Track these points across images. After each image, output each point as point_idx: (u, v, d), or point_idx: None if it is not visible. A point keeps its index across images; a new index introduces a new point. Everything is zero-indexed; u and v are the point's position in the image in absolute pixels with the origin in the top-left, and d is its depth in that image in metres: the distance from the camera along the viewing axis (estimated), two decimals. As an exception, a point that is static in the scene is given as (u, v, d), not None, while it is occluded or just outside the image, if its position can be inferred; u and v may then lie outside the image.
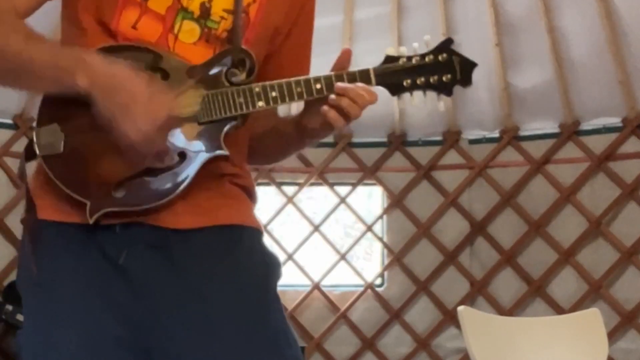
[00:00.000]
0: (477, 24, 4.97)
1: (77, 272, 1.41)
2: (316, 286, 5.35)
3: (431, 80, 1.49)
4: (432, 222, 5.33)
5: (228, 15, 1.49)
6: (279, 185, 5.43)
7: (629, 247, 4.94)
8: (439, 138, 5.38)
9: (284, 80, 1.44)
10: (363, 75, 1.47)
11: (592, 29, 4.78)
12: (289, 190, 5.46)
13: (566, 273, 5.10)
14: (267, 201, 5.49)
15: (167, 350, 1.40)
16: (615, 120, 5.05)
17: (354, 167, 5.42)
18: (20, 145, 4.97)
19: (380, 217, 5.47)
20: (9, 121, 5.00)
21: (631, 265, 4.95)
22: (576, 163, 5.12)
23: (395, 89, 1.49)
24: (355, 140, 5.38)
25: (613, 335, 4.65)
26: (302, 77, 1.44)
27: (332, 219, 5.51)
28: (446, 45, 1.51)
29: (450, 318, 5.08)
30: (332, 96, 1.44)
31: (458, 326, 3.50)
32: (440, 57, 1.50)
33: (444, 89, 1.50)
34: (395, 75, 1.49)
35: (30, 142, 1.40)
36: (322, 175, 5.41)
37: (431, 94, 1.51)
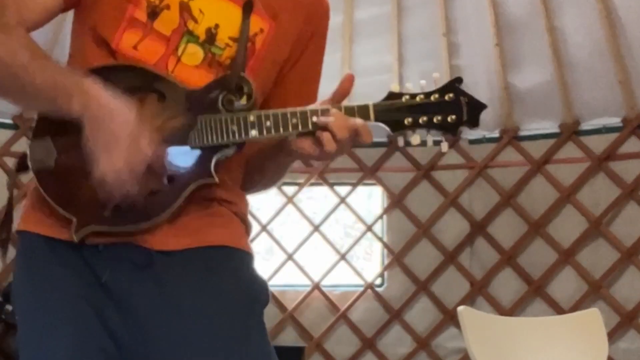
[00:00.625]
0: (477, 24, 4.97)
1: (66, 283, 1.42)
2: (316, 286, 5.35)
3: (435, 120, 1.46)
4: (432, 222, 5.33)
5: (233, 43, 1.47)
6: (279, 185, 5.42)
7: (629, 247, 4.93)
8: (438, 138, 5.36)
9: (280, 110, 1.40)
10: (362, 110, 1.42)
11: (592, 29, 4.78)
12: (289, 190, 5.46)
13: (566, 273, 5.10)
14: (267, 201, 5.49)
15: None
16: (615, 120, 5.05)
17: (354, 167, 5.42)
18: (20, 146, 4.97)
19: (380, 217, 5.47)
20: (9, 121, 4.99)
21: (631, 265, 4.95)
22: (576, 163, 5.12)
23: (396, 127, 1.45)
24: (355, 140, 5.37)
25: (613, 335, 4.65)
26: (298, 109, 1.40)
27: (332, 219, 5.51)
28: (454, 85, 1.46)
29: (450, 318, 5.08)
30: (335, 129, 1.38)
31: (458, 326, 3.49)
32: (447, 97, 1.45)
33: (448, 130, 1.47)
34: (397, 113, 1.44)
35: (24, 155, 1.41)
36: (322, 175, 5.41)
37: (435, 133, 1.48)
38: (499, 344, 3.33)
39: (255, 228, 5.39)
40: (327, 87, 1.54)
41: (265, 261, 5.54)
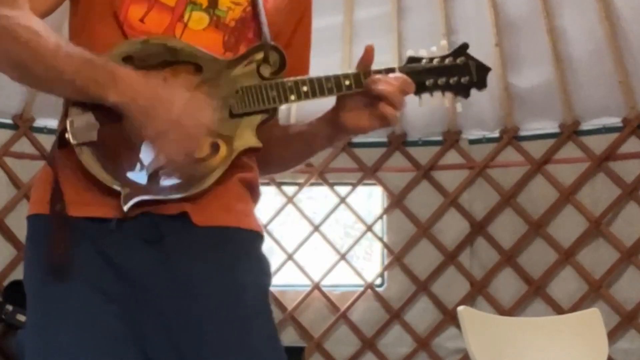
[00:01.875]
0: (477, 24, 4.97)
1: (77, 269, 1.40)
2: (316, 286, 5.35)
3: (451, 81, 1.55)
4: (432, 222, 5.33)
5: (235, 6, 1.52)
6: (279, 185, 5.43)
7: (629, 247, 4.93)
8: (439, 138, 5.38)
9: (314, 76, 1.49)
10: (388, 73, 1.51)
11: (592, 29, 4.78)
12: (289, 190, 5.46)
13: (566, 273, 5.10)
14: (267, 201, 5.50)
15: (159, 348, 1.41)
16: (615, 120, 5.05)
17: (354, 167, 5.42)
18: (20, 145, 4.98)
19: (380, 217, 5.47)
20: (9, 121, 4.99)
21: (631, 265, 4.95)
22: (576, 163, 5.12)
23: (418, 88, 1.54)
24: (355, 140, 5.37)
25: (613, 335, 4.65)
26: (332, 74, 1.49)
27: (332, 219, 5.51)
28: (464, 50, 1.58)
29: (450, 318, 5.08)
30: (381, 87, 1.47)
31: (458, 326, 3.49)
32: (458, 60, 1.57)
33: (462, 91, 1.57)
34: (419, 75, 1.54)
35: (63, 130, 1.40)
36: (322, 175, 5.41)
37: (448, 95, 1.57)
38: (499, 344, 3.33)
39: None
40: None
41: (265, 261, 5.54)
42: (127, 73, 1.36)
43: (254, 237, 1.53)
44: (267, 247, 5.55)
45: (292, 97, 1.47)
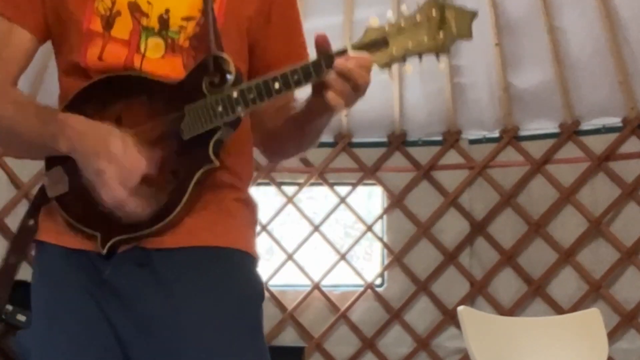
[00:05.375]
0: (477, 24, 4.95)
1: (76, 287, 1.47)
2: (316, 286, 5.35)
3: (423, 42, 1.36)
4: (432, 222, 5.33)
5: (187, 22, 1.48)
6: (279, 185, 5.43)
7: (629, 247, 4.93)
8: (439, 138, 5.37)
9: (261, 78, 1.39)
10: (341, 56, 1.39)
11: (592, 29, 4.78)
12: (289, 190, 5.46)
13: (566, 273, 5.09)
14: (267, 201, 5.49)
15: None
16: (615, 120, 5.05)
17: (354, 167, 5.42)
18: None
19: (380, 217, 5.46)
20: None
21: (631, 265, 4.95)
22: (576, 163, 5.12)
23: (384, 60, 1.38)
24: (355, 140, 5.38)
25: (613, 335, 4.64)
26: (279, 72, 1.38)
27: (332, 219, 5.51)
28: (434, 3, 1.37)
29: (450, 318, 5.07)
30: (332, 75, 1.37)
31: (458, 326, 3.49)
32: (430, 15, 1.36)
33: (441, 49, 1.36)
34: (379, 45, 1.37)
35: (42, 187, 1.49)
36: (322, 175, 5.41)
37: (428, 58, 1.38)
38: (499, 344, 3.33)
39: (255, 228, 5.43)
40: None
41: (265, 261, 5.55)
42: (75, 120, 1.40)
43: (242, 255, 1.52)
44: (267, 247, 5.58)
45: (239, 108, 1.39)
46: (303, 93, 1.48)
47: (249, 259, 1.54)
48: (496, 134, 5.30)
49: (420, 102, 5.18)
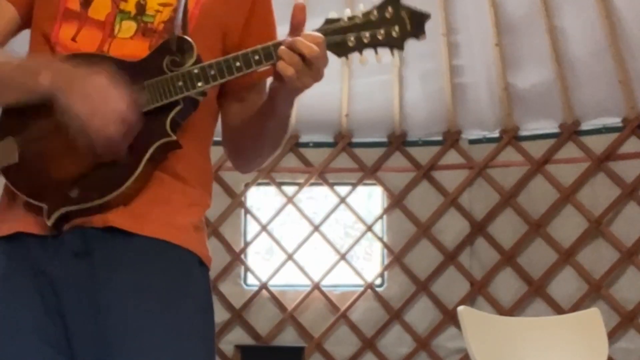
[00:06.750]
0: (477, 24, 4.97)
1: (18, 280, 1.44)
2: (316, 286, 5.35)
3: (379, 35, 1.43)
4: (432, 222, 5.33)
5: (164, 8, 1.50)
6: (279, 185, 5.44)
7: (629, 247, 4.94)
8: (439, 138, 5.38)
9: (222, 57, 1.42)
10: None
11: (592, 29, 4.78)
12: (289, 190, 5.46)
13: (566, 273, 5.10)
14: (267, 201, 5.50)
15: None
16: (615, 120, 5.06)
17: (354, 167, 5.42)
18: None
19: (380, 217, 5.47)
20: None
21: (631, 265, 4.95)
22: (576, 163, 5.13)
23: (341, 49, 1.42)
24: (355, 140, 5.38)
25: (613, 335, 4.65)
26: (240, 52, 1.41)
27: (332, 219, 5.51)
28: (391, 1, 1.44)
29: (450, 318, 5.08)
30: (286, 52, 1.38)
31: (458, 326, 3.49)
32: (386, 13, 1.43)
33: (395, 44, 1.44)
34: (337, 34, 1.42)
35: None
36: (322, 175, 5.41)
37: (383, 51, 1.44)
38: (499, 344, 3.33)
39: (255, 228, 5.44)
40: (327, 87, 1.53)
41: (265, 261, 5.55)
42: (59, 62, 1.41)
43: (193, 259, 1.49)
44: (267, 247, 5.57)
45: (200, 84, 1.41)
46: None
47: (198, 263, 1.50)
48: (496, 134, 5.31)
49: (420, 102, 5.18)
